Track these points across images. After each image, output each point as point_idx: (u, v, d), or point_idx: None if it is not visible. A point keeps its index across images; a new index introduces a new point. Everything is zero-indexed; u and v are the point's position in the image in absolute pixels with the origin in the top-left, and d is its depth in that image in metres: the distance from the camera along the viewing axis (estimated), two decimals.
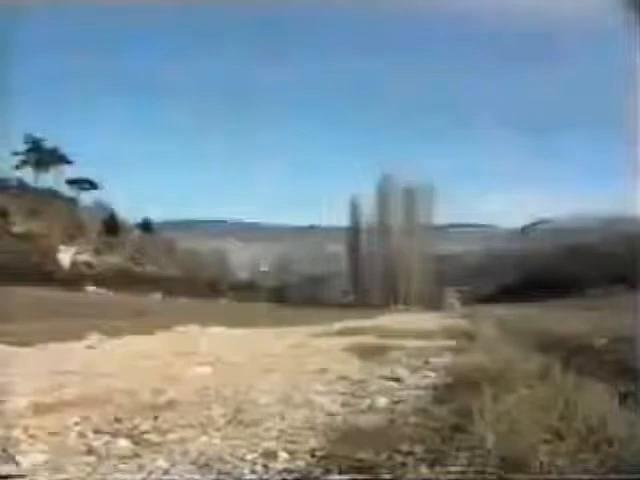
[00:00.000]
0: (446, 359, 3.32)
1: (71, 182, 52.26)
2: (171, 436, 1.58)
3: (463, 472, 1.24)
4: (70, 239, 40.80)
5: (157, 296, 35.80)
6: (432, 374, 2.69)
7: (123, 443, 1.50)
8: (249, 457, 1.40)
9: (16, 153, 47.13)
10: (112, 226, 47.02)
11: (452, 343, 4.48)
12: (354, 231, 56.55)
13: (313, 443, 1.51)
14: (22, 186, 44.76)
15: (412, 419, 1.74)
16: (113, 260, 43.10)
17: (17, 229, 37.12)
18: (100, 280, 35.38)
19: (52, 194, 46.87)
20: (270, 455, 1.41)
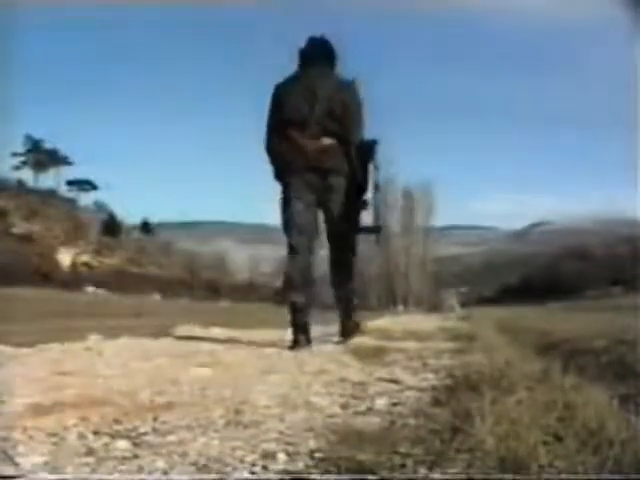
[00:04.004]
0: (445, 361, 3.32)
1: (71, 183, 52.22)
2: (170, 437, 1.57)
3: (462, 473, 1.24)
4: (70, 240, 40.78)
5: (156, 297, 35.77)
6: (431, 376, 2.68)
7: (122, 444, 1.50)
8: (248, 458, 1.40)
9: (15, 154, 47.11)
10: (111, 227, 47.00)
11: (451, 345, 4.48)
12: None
13: (312, 444, 1.50)
14: (22, 187, 44.73)
15: (411, 421, 1.74)
16: (112, 261, 43.08)
17: (16, 230, 37.10)
18: (99, 281, 35.38)
19: (52, 195, 46.85)
20: (269, 456, 1.41)
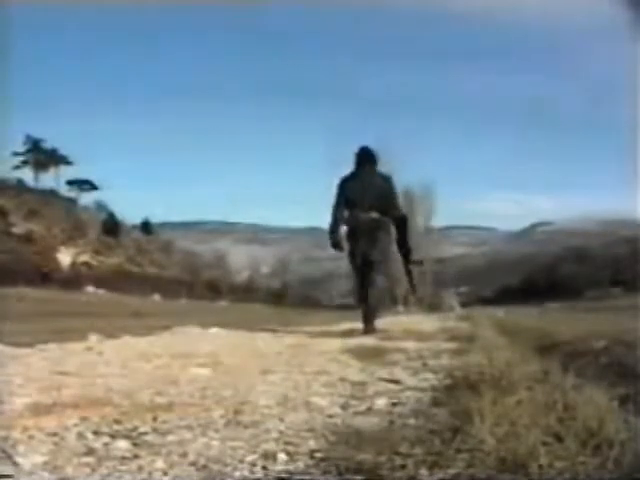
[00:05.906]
0: (445, 361, 3.32)
1: (71, 183, 52.26)
2: (170, 437, 1.57)
3: (462, 474, 1.24)
4: (69, 240, 40.78)
5: (156, 297, 35.75)
6: (431, 376, 2.68)
7: (122, 444, 1.50)
8: (248, 458, 1.40)
9: (16, 153, 47.15)
10: (111, 227, 47.01)
11: (452, 345, 4.48)
12: None
13: (312, 444, 1.50)
14: (22, 186, 44.74)
15: (411, 421, 1.74)
16: (112, 261, 43.10)
17: (16, 229, 37.10)
18: (99, 281, 35.35)
19: (52, 195, 46.87)
20: (269, 456, 1.41)
